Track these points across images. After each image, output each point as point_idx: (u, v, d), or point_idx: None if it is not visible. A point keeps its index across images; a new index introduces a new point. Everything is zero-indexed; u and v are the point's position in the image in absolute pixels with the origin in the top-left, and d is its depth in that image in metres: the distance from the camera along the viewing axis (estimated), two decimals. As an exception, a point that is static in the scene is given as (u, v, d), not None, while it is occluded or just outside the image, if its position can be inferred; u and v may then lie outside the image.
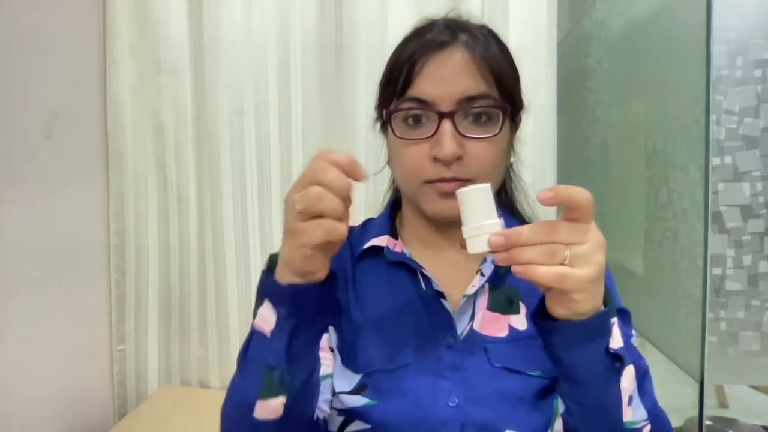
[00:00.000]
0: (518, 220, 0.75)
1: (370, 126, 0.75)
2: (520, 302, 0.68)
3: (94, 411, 1.54)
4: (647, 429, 0.60)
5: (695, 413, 1.22)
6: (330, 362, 0.67)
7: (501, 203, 0.74)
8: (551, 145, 1.46)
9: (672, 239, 1.30)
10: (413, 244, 0.72)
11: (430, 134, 0.62)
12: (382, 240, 0.72)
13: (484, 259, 0.68)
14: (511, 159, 0.72)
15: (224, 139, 1.56)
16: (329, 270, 0.54)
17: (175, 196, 1.61)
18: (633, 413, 0.58)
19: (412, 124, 0.64)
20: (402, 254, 0.70)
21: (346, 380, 0.66)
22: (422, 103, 0.62)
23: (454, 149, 0.60)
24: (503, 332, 0.66)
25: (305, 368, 0.57)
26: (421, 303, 0.68)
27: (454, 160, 0.61)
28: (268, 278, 0.55)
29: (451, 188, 0.62)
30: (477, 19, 0.69)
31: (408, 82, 0.63)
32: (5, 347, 1.22)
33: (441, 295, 0.67)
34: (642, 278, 1.50)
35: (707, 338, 1.12)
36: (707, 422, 1.66)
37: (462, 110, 0.62)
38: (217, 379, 1.62)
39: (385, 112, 0.66)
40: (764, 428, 1.65)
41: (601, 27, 1.76)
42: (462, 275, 0.68)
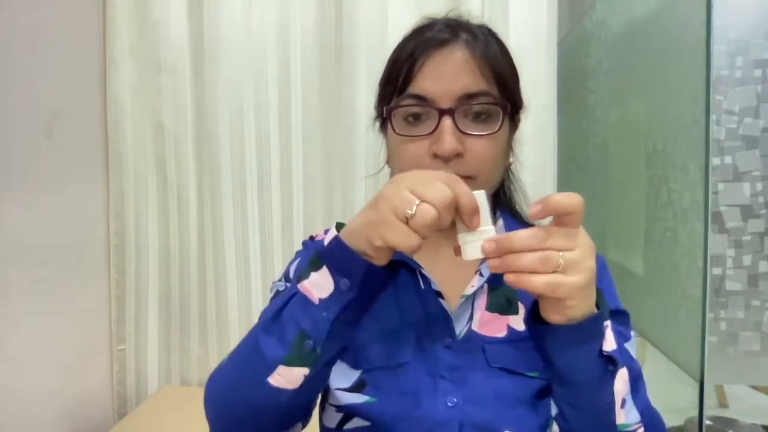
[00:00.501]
0: (518, 221, 0.75)
1: (370, 126, 0.75)
2: (519, 303, 0.68)
3: (94, 411, 1.54)
4: (641, 431, 0.60)
5: (695, 413, 1.22)
6: None
7: (500, 204, 0.74)
8: (551, 145, 1.46)
9: (672, 239, 1.30)
10: None
11: (430, 131, 0.62)
12: None
13: (483, 260, 0.68)
14: (510, 159, 0.72)
15: (224, 139, 1.56)
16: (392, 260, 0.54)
17: (175, 196, 1.61)
18: (626, 416, 0.58)
19: (412, 122, 0.64)
20: (400, 253, 0.70)
21: (344, 376, 0.65)
22: (422, 100, 0.62)
23: (454, 145, 0.60)
24: (502, 333, 0.66)
25: (338, 347, 0.56)
26: (420, 302, 0.68)
27: (454, 157, 0.61)
28: (343, 246, 0.53)
29: None
30: (477, 19, 0.69)
31: (408, 80, 0.63)
32: (5, 347, 1.22)
33: (440, 295, 0.67)
34: (642, 278, 1.50)
35: (707, 338, 1.12)
36: (707, 422, 1.66)
37: (462, 107, 0.62)
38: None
39: (386, 109, 0.66)
40: (764, 428, 1.65)
41: (601, 27, 1.76)
42: (461, 275, 0.68)
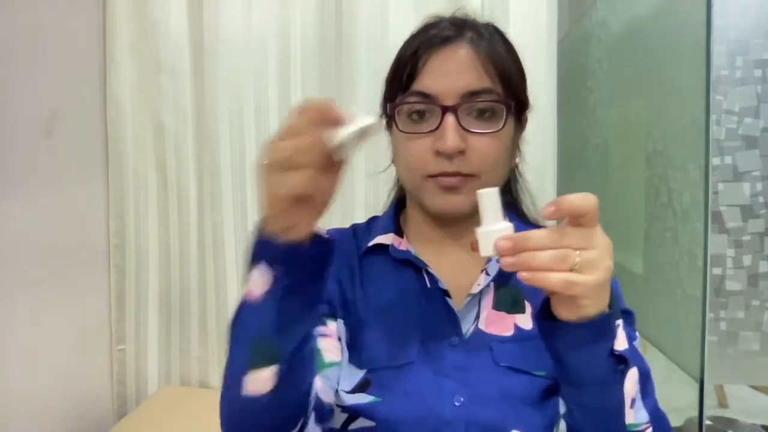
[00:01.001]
0: (525, 222, 0.74)
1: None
2: (525, 301, 0.68)
3: (94, 411, 1.53)
4: (649, 431, 0.60)
5: (695, 413, 1.22)
6: (337, 350, 0.67)
7: (507, 204, 0.74)
8: (551, 145, 1.46)
9: (672, 239, 1.30)
10: (418, 243, 0.72)
11: (434, 128, 0.62)
12: (387, 238, 0.72)
13: (489, 259, 0.68)
14: (516, 159, 0.72)
15: (224, 139, 1.56)
16: (316, 233, 0.51)
17: (175, 196, 1.60)
18: (635, 415, 0.57)
19: (416, 119, 0.64)
20: (407, 252, 0.70)
21: (350, 378, 0.65)
22: (426, 97, 0.63)
23: (457, 142, 0.60)
24: (509, 331, 0.66)
25: (295, 338, 0.54)
26: (426, 301, 0.68)
27: (457, 154, 0.61)
28: (264, 237, 0.50)
29: (453, 183, 0.62)
30: (484, 18, 0.69)
31: (412, 77, 0.63)
32: (5, 347, 1.22)
33: (446, 294, 0.67)
34: (642, 278, 1.50)
35: (707, 338, 1.12)
36: (707, 422, 1.66)
37: (465, 104, 0.62)
38: (217, 379, 1.62)
39: (390, 107, 0.66)
40: (764, 428, 1.65)
41: (601, 27, 1.76)
42: (467, 274, 0.68)
